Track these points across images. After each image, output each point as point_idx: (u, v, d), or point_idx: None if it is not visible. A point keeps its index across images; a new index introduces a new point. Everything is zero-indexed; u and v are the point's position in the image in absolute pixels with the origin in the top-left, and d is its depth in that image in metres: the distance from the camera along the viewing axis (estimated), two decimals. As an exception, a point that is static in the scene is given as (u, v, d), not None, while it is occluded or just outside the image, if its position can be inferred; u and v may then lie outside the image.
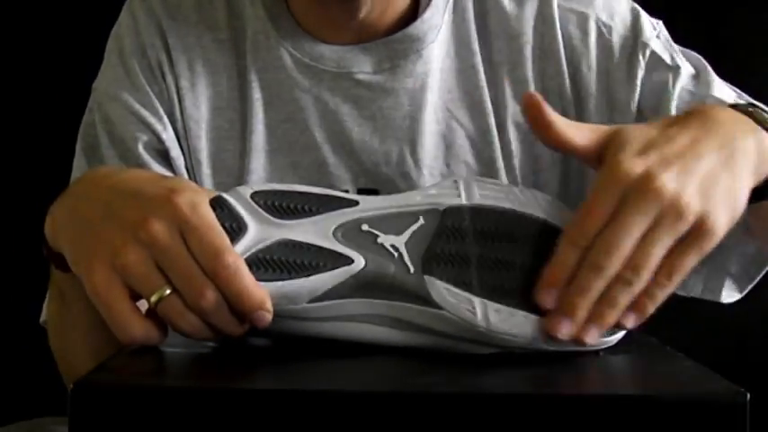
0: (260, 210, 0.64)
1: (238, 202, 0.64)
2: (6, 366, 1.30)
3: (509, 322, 0.62)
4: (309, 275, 0.62)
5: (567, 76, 0.87)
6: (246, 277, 0.60)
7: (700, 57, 0.89)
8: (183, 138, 0.87)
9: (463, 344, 0.63)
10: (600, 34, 0.87)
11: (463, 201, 0.66)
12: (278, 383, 0.58)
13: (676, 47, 0.89)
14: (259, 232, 0.63)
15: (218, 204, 0.63)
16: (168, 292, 0.60)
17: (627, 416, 0.52)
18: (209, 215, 0.61)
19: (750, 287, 0.85)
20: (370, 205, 0.65)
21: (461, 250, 0.64)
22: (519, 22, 0.88)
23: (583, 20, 0.88)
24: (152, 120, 0.86)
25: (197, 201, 0.61)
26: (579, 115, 0.86)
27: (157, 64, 0.87)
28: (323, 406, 0.52)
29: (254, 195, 0.64)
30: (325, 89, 0.87)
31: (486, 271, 0.63)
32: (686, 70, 0.86)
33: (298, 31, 0.87)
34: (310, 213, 0.64)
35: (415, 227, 0.65)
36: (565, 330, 0.62)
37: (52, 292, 0.82)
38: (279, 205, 0.64)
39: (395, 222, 0.65)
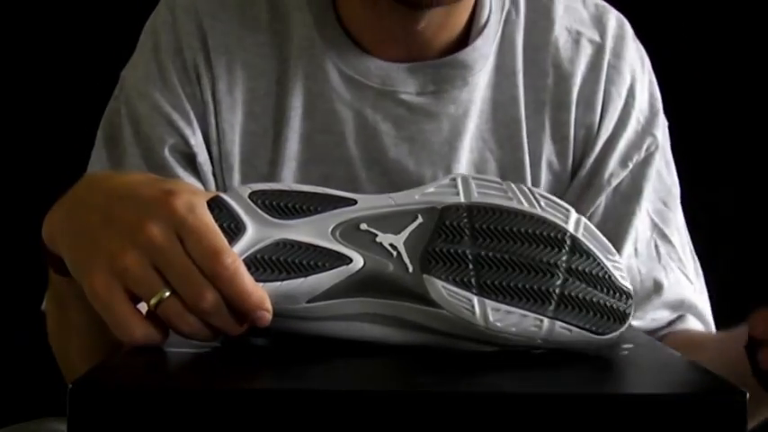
0: (258, 210, 0.63)
1: (236, 203, 0.63)
2: (6, 366, 1.30)
3: (507, 321, 0.62)
4: (308, 275, 0.62)
5: (596, 129, 0.87)
6: (245, 278, 0.60)
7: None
8: (215, 142, 0.86)
9: (462, 342, 0.63)
10: (626, 104, 0.88)
11: (461, 199, 0.66)
12: (278, 383, 0.57)
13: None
14: (257, 232, 0.63)
15: (215, 205, 0.63)
16: (167, 294, 0.60)
17: (627, 416, 0.51)
18: (207, 216, 0.61)
19: None
20: (369, 204, 0.65)
21: (460, 249, 0.64)
22: (572, 65, 0.88)
23: (621, 83, 0.88)
24: (181, 123, 0.85)
25: (194, 202, 0.61)
26: (575, 169, 0.88)
27: (193, 65, 0.86)
28: (323, 406, 0.52)
29: (253, 195, 0.64)
30: (367, 105, 0.86)
31: (485, 269, 0.63)
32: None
33: (345, 42, 0.86)
34: (309, 213, 0.64)
35: (413, 226, 0.65)
36: None
37: (50, 294, 0.81)
38: (277, 205, 0.64)
39: (393, 221, 0.65)
